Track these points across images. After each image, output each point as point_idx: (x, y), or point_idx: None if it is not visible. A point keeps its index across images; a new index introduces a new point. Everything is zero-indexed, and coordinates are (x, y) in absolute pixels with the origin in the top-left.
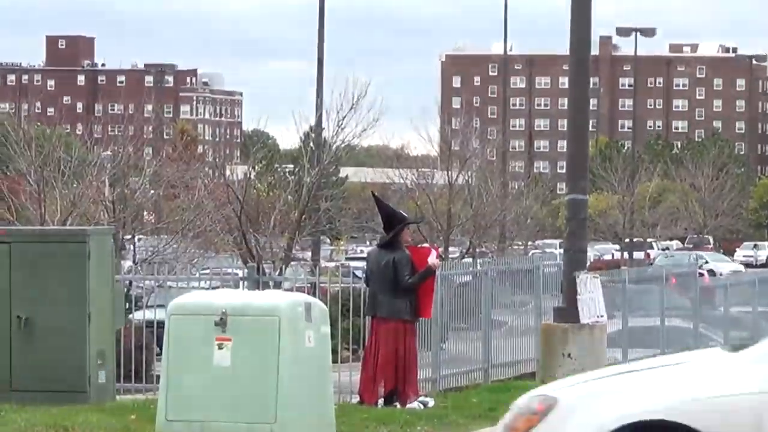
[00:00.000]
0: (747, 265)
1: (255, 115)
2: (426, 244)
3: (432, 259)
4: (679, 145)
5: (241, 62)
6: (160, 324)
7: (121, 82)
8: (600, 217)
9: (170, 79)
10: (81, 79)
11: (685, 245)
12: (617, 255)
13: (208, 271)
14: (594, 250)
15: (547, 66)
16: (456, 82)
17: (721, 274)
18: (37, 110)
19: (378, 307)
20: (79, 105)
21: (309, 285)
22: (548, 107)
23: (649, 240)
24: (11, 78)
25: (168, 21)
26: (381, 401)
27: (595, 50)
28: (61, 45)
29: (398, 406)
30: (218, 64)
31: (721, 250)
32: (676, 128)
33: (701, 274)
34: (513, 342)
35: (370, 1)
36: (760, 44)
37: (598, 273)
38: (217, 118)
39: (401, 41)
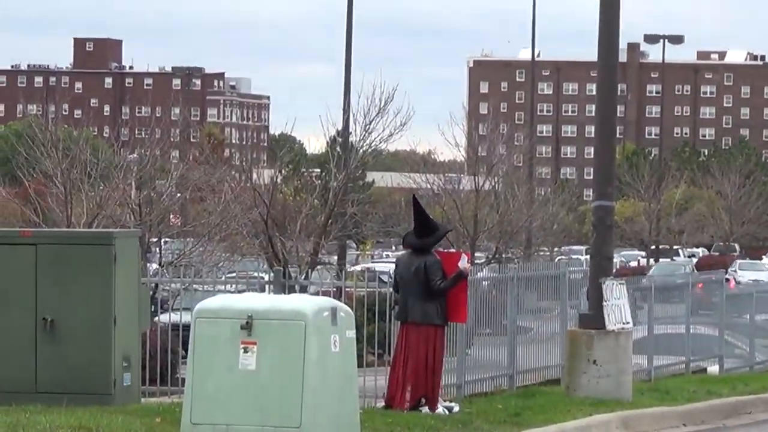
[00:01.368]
0: None
1: (282, 119)
2: (453, 249)
3: (463, 264)
4: (706, 153)
5: (269, 67)
6: (186, 327)
7: (148, 85)
8: (626, 224)
9: (197, 82)
10: (108, 81)
11: (711, 252)
12: (643, 262)
13: (234, 274)
14: (620, 257)
15: (574, 72)
16: (483, 87)
17: (739, 283)
18: (64, 112)
19: (409, 312)
20: (107, 107)
21: (335, 289)
22: (575, 113)
23: (675, 247)
24: (39, 80)
25: (195, 25)
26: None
27: (623, 57)
28: (89, 47)
29: (427, 411)
30: (245, 68)
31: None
32: (703, 135)
33: (728, 281)
34: (538, 348)
35: (397, 7)
36: None
37: (623, 279)
38: (244, 122)
39: (429, 47)
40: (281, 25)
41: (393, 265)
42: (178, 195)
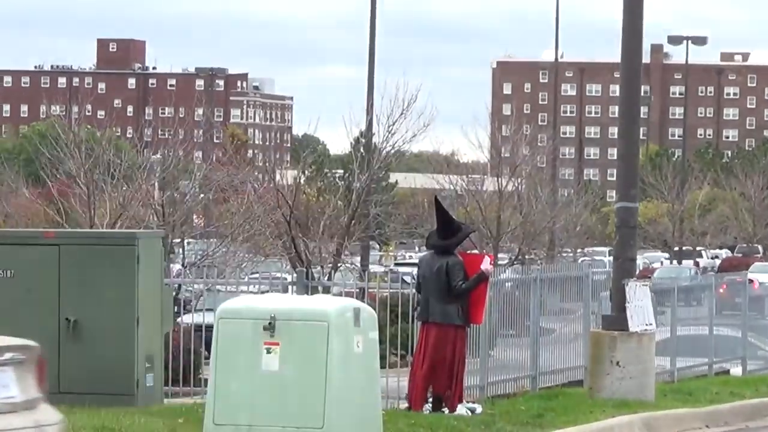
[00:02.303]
0: None
1: (305, 120)
2: (476, 251)
3: (485, 265)
4: (729, 154)
5: (292, 67)
6: (209, 328)
7: (171, 86)
8: (649, 225)
9: (221, 83)
10: (132, 82)
11: (735, 254)
12: (666, 263)
13: (256, 275)
14: (643, 258)
15: (597, 73)
16: (507, 88)
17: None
18: (87, 113)
19: (430, 312)
20: (130, 108)
21: (357, 290)
22: (599, 115)
23: (698, 248)
24: (62, 80)
25: (219, 26)
26: (428, 407)
27: (646, 58)
28: (112, 48)
29: (446, 411)
30: (269, 68)
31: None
32: (727, 137)
33: (751, 282)
34: (561, 349)
35: (420, 7)
36: None
37: (647, 281)
38: (268, 123)
39: (452, 48)
40: (305, 26)
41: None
42: (201, 196)
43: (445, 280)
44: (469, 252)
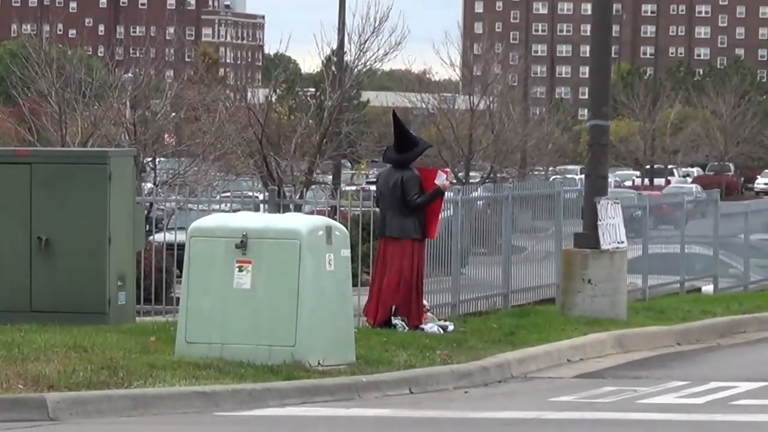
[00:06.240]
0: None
1: (277, 39)
2: (448, 169)
3: (440, 180)
4: (701, 72)
5: None
6: (181, 246)
7: (143, 4)
8: (621, 143)
9: (192, 1)
10: (103, 0)
11: (706, 172)
12: (638, 181)
13: (228, 194)
14: (615, 176)
15: None
16: (478, 7)
17: None
18: (58, 32)
19: (387, 226)
20: (101, 27)
21: (329, 208)
22: (570, 33)
23: (669, 166)
24: None
25: None
26: (398, 322)
27: None
28: None
29: (402, 324)
30: None
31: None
32: (698, 55)
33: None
34: (533, 267)
35: None
36: None
37: (618, 198)
38: (239, 41)
39: None
40: None
41: None
42: (173, 114)
43: (400, 194)
44: (428, 168)
